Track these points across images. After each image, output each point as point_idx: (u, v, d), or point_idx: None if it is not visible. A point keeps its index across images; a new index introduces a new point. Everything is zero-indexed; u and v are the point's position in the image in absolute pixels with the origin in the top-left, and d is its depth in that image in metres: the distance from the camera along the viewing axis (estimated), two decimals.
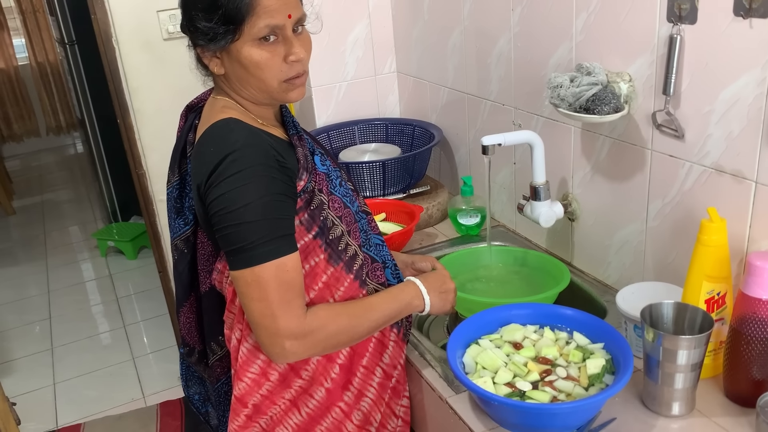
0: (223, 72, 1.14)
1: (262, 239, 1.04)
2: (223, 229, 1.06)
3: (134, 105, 2.58)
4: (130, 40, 2.51)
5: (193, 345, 1.39)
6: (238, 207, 1.04)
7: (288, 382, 1.20)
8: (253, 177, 1.05)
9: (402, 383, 1.31)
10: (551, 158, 1.53)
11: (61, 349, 3.24)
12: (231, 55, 1.11)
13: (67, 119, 6.42)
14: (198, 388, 1.46)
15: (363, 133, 2.18)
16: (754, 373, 1.06)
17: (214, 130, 1.11)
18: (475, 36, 1.76)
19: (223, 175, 1.05)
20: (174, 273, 1.34)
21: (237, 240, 1.05)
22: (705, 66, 1.14)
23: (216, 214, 1.06)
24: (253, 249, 1.04)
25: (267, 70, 1.10)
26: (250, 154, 1.06)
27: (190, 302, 1.35)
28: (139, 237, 4.06)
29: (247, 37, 1.07)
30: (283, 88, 1.13)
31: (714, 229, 1.09)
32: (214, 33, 1.08)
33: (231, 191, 1.04)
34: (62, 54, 4.19)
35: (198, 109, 1.26)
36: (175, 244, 1.30)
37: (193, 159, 1.17)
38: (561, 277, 1.41)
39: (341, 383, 1.22)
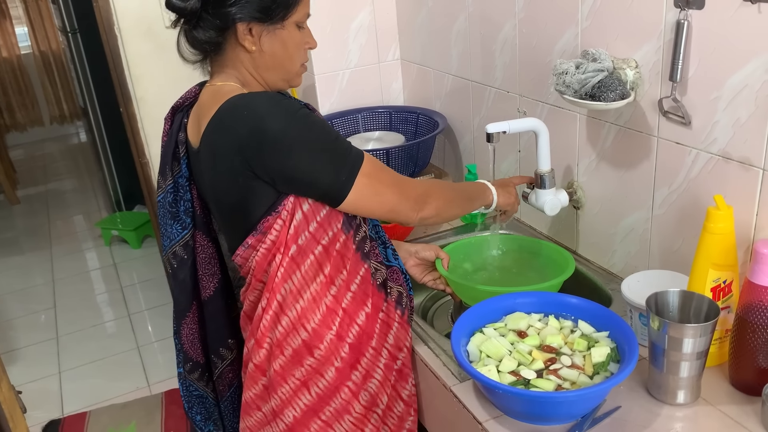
0: (256, 50, 1.16)
1: (347, 150, 1.15)
2: (312, 168, 1.12)
3: (137, 93, 2.58)
4: (132, 28, 2.50)
5: (197, 359, 1.37)
6: (313, 141, 1.11)
7: (300, 359, 1.20)
8: (302, 118, 1.12)
9: (408, 367, 1.31)
10: (556, 146, 1.51)
11: (66, 338, 3.26)
12: (276, 34, 1.16)
13: (71, 108, 6.42)
14: (199, 408, 1.43)
15: (366, 121, 2.16)
16: (759, 361, 1.06)
17: (236, 101, 1.13)
18: (480, 22, 1.74)
19: (282, 126, 1.09)
20: (173, 283, 1.32)
21: (333, 161, 1.13)
22: (712, 52, 1.13)
23: (302, 154, 1.11)
24: (347, 159, 1.14)
25: (299, 51, 1.21)
26: (289, 104, 1.13)
27: (192, 312, 1.33)
28: (143, 226, 4.07)
29: (293, 18, 1.17)
30: (299, 72, 1.24)
31: (721, 217, 1.08)
32: (273, 9, 1.14)
33: (297, 137, 1.10)
34: (65, 42, 4.18)
35: (184, 108, 1.25)
36: (173, 252, 1.28)
37: (217, 128, 1.14)
38: (566, 266, 1.40)
39: (350, 363, 1.22)
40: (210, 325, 1.32)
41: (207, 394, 1.42)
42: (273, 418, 1.22)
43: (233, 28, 1.14)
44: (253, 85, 1.20)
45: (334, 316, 1.20)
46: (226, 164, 1.13)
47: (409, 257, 1.47)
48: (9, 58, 6.10)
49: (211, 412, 1.44)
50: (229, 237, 1.26)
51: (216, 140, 1.15)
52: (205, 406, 1.44)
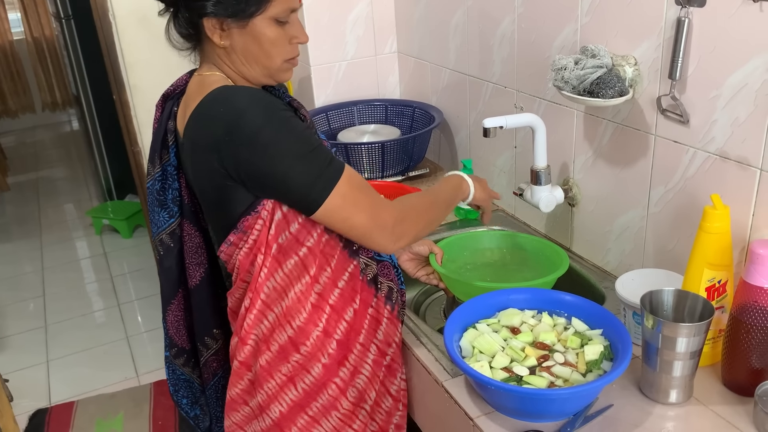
0: (227, 45, 1.14)
1: (325, 162, 1.09)
2: (284, 178, 1.07)
3: (130, 81, 2.55)
4: (127, 15, 2.48)
5: (182, 345, 1.37)
6: (289, 146, 1.07)
7: (286, 356, 1.19)
8: (282, 120, 1.08)
9: (397, 362, 1.30)
10: (553, 142, 1.51)
11: (54, 327, 3.23)
12: (246, 29, 1.13)
13: (63, 95, 6.37)
14: (186, 392, 1.43)
15: (362, 113, 2.15)
16: (753, 361, 1.05)
17: (217, 94, 1.11)
18: (478, 16, 1.73)
19: (254, 127, 1.06)
20: (159, 270, 1.32)
21: (307, 172, 1.08)
22: (713, 50, 1.12)
23: (267, 170, 1.07)
24: (323, 173, 1.08)
25: (278, 48, 1.16)
26: (265, 105, 1.09)
27: (177, 299, 1.33)
28: (135, 215, 4.04)
29: (267, 14, 1.12)
30: (284, 67, 1.19)
31: (717, 217, 1.08)
32: (243, 4, 1.10)
33: (273, 139, 1.06)
34: (58, 29, 4.14)
35: (175, 96, 1.24)
36: (160, 239, 1.28)
37: (195, 127, 1.14)
38: (560, 263, 1.39)
39: (338, 359, 1.21)
40: (196, 313, 1.32)
41: (193, 380, 1.42)
42: (260, 413, 1.21)
43: (201, 22, 1.12)
44: (236, 79, 1.18)
45: (320, 312, 1.19)
46: (204, 160, 1.13)
47: (402, 252, 1.46)
48: (1, 44, 6.04)
49: (198, 396, 1.44)
50: (214, 231, 1.26)
51: (194, 135, 1.15)
52: (192, 390, 1.44)
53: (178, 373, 1.42)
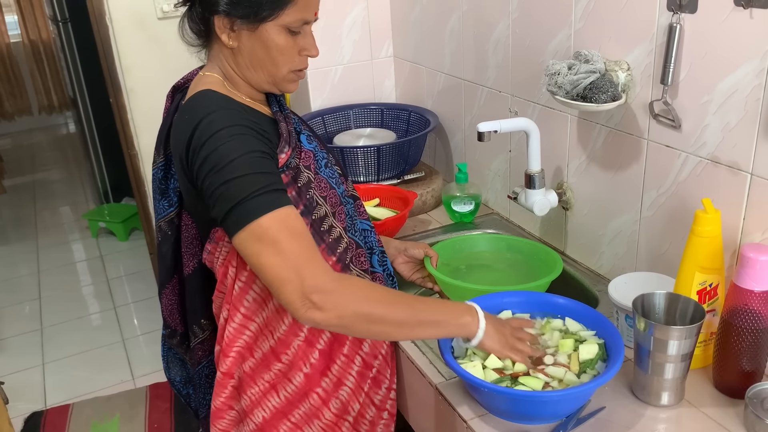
0: (235, 46, 1.13)
1: (258, 191, 1.01)
2: (215, 191, 1.02)
3: (127, 84, 2.56)
4: (123, 18, 2.49)
5: (175, 327, 1.39)
6: (226, 164, 1.02)
7: (268, 364, 1.20)
8: (232, 136, 1.04)
9: (383, 373, 1.29)
10: (547, 146, 1.52)
11: (50, 330, 3.23)
12: (256, 33, 1.11)
13: (60, 98, 6.36)
14: (179, 370, 1.45)
15: (358, 117, 2.16)
16: (743, 364, 1.06)
17: (190, 100, 1.12)
18: (473, 21, 1.74)
19: (201, 139, 1.04)
20: (158, 254, 1.34)
21: (232, 196, 1.00)
22: (704, 56, 1.13)
23: (205, 179, 1.04)
24: (250, 201, 1.00)
25: (285, 56, 1.14)
26: (224, 116, 1.07)
27: (172, 284, 1.34)
28: (131, 218, 4.04)
29: (279, 21, 1.10)
30: (289, 77, 1.17)
31: (708, 221, 1.09)
32: (255, 7, 1.08)
33: (214, 151, 1.03)
34: (55, 32, 4.14)
35: (184, 89, 1.25)
36: (159, 226, 1.29)
37: (172, 132, 1.16)
38: (554, 266, 1.40)
39: (320, 369, 1.21)
40: (188, 301, 1.33)
41: (186, 360, 1.44)
42: (244, 417, 1.22)
43: (213, 19, 1.12)
44: (237, 81, 1.18)
45: (301, 324, 1.19)
46: (177, 164, 1.14)
47: (397, 254, 1.46)
48: None
49: (191, 376, 1.44)
50: (199, 232, 1.27)
51: (172, 140, 1.17)
52: (185, 369, 1.45)
53: (172, 351, 1.44)
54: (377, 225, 1.62)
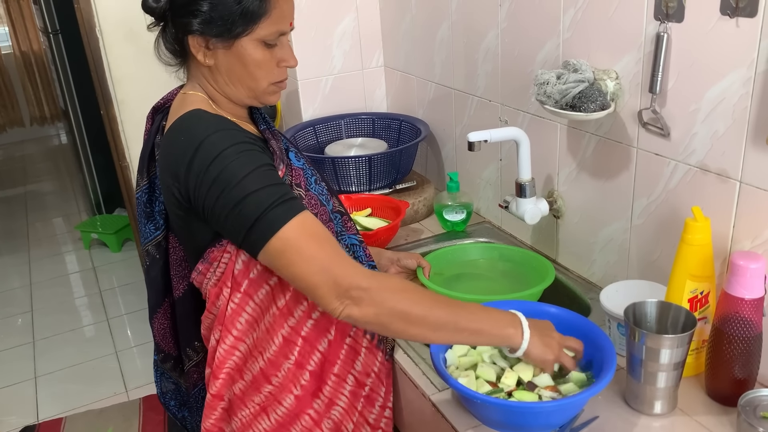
0: (211, 64, 1.12)
1: (274, 203, 1.01)
2: (231, 211, 1.02)
3: (118, 96, 2.55)
4: (114, 30, 2.48)
5: (168, 351, 1.37)
6: (238, 181, 1.02)
7: (258, 386, 1.19)
8: (238, 153, 1.04)
9: (376, 391, 1.28)
10: (537, 155, 1.52)
11: (42, 342, 3.21)
12: (232, 50, 1.10)
13: (52, 109, 6.35)
14: (173, 394, 1.44)
15: (349, 127, 2.16)
16: (735, 372, 1.07)
17: (183, 121, 1.10)
18: (463, 31, 1.75)
19: (207, 161, 1.03)
20: (146, 279, 1.32)
21: (250, 213, 1.01)
22: (691, 64, 1.14)
23: (217, 200, 1.03)
24: (267, 214, 1.00)
25: (263, 70, 1.13)
26: (224, 136, 1.06)
27: (163, 308, 1.33)
28: (123, 229, 4.03)
29: (255, 35, 1.09)
30: (270, 90, 1.16)
31: (698, 228, 1.09)
32: (228, 24, 1.07)
33: (224, 170, 1.02)
34: (46, 43, 4.14)
35: (165, 110, 1.23)
36: (146, 250, 1.28)
37: (162, 151, 1.14)
38: (546, 274, 1.40)
39: (311, 390, 1.20)
40: (179, 324, 1.32)
41: (181, 384, 1.42)
42: None
43: (187, 39, 1.10)
44: (219, 99, 1.16)
45: (292, 346, 1.18)
46: (167, 186, 1.12)
47: (390, 265, 1.46)
48: None
49: (186, 399, 1.43)
50: (185, 253, 1.25)
51: (160, 160, 1.15)
52: (179, 393, 1.44)
53: (166, 376, 1.42)
54: (369, 235, 1.62)
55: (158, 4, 1.10)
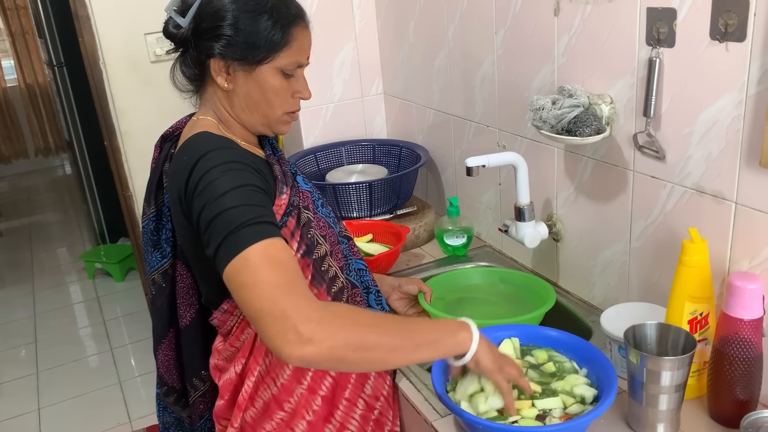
0: (230, 88, 1.15)
1: (245, 223, 0.97)
2: (207, 226, 1.00)
3: (121, 127, 2.59)
4: (117, 62, 2.52)
5: (172, 384, 1.36)
6: (216, 198, 1.01)
7: (270, 414, 1.18)
8: (227, 171, 1.04)
9: (386, 415, 1.28)
10: (535, 179, 1.53)
11: (46, 373, 3.20)
12: (252, 75, 1.13)
13: (56, 141, 6.41)
14: (175, 429, 1.43)
15: (350, 154, 2.18)
16: (737, 393, 1.06)
17: (189, 142, 1.12)
18: (460, 58, 1.78)
19: (198, 175, 1.04)
20: (151, 309, 1.32)
21: (221, 229, 0.98)
22: (684, 88, 1.16)
23: (200, 214, 1.02)
24: (236, 233, 0.97)
25: (280, 98, 1.16)
26: (221, 154, 1.07)
27: (168, 338, 1.32)
28: (127, 259, 4.04)
29: (275, 64, 1.13)
30: (283, 119, 1.19)
31: (695, 250, 1.10)
32: (252, 50, 1.10)
33: (209, 185, 1.03)
34: (51, 76, 4.19)
35: (173, 138, 1.25)
36: (152, 279, 1.28)
37: (169, 175, 1.16)
38: (547, 298, 1.41)
39: (323, 416, 1.20)
40: (185, 353, 1.32)
41: (183, 419, 1.41)
42: None
43: (209, 62, 1.13)
44: (231, 124, 1.19)
45: (305, 371, 1.18)
46: (175, 209, 1.13)
47: (392, 291, 1.47)
48: None
49: None
50: (204, 290, 1.25)
51: (169, 186, 1.16)
52: (182, 429, 1.43)
53: (168, 411, 1.41)
54: (371, 261, 1.63)
55: (178, 30, 1.13)
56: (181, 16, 1.13)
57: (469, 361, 1.07)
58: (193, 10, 1.11)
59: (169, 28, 1.15)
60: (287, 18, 1.12)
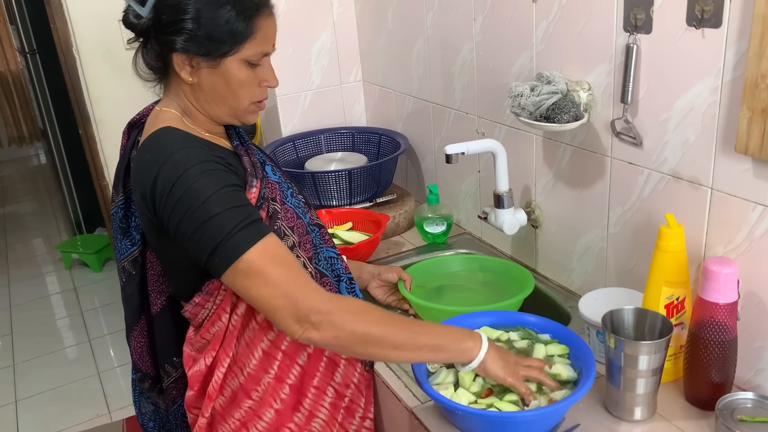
0: (195, 82, 1.13)
1: (237, 227, 1.01)
2: (194, 232, 1.02)
3: (96, 115, 2.55)
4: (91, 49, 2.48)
5: (146, 371, 1.36)
6: (200, 204, 1.01)
7: (238, 402, 1.18)
8: (200, 174, 1.03)
9: (356, 402, 1.29)
10: (514, 166, 1.54)
11: (23, 365, 3.16)
12: (216, 69, 1.11)
13: (30, 130, 6.30)
14: (152, 416, 1.42)
15: (329, 141, 2.17)
16: (712, 376, 1.08)
17: (151, 139, 1.11)
18: (439, 45, 1.77)
19: (170, 181, 1.03)
20: (122, 296, 1.31)
21: (213, 236, 1.01)
22: (661, 75, 1.16)
23: (180, 222, 1.03)
24: (231, 238, 1.01)
25: (246, 89, 1.14)
26: (189, 154, 1.06)
27: (140, 326, 1.32)
28: (104, 249, 3.99)
29: (239, 55, 1.11)
30: (250, 109, 1.17)
31: (672, 235, 1.11)
32: (215, 43, 1.08)
33: (186, 191, 1.02)
34: (23, 63, 4.11)
35: (140, 125, 1.23)
36: (122, 266, 1.28)
37: (132, 170, 1.15)
38: (525, 284, 1.41)
39: (291, 404, 1.21)
40: (158, 340, 1.31)
41: (159, 404, 1.41)
42: None
43: (171, 56, 1.11)
44: (196, 116, 1.17)
45: (272, 360, 1.18)
46: (139, 205, 1.12)
47: (372, 279, 1.47)
48: None
49: (164, 421, 1.42)
50: (173, 285, 1.24)
51: (132, 178, 1.15)
52: (158, 415, 1.42)
53: (145, 397, 1.41)
54: (350, 249, 1.62)
55: (140, 20, 1.10)
56: (140, 4, 1.09)
57: (476, 368, 1.08)
58: (155, 2, 1.09)
59: (129, 17, 1.12)
60: (250, 8, 1.09)
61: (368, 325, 1.05)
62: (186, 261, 1.12)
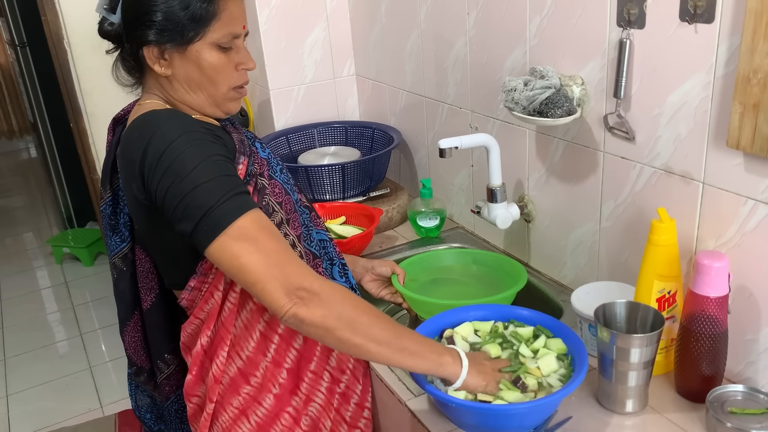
0: (169, 74, 1.12)
1: (226, 195, 1.00)
2: (180, 203, 1.00)
3: (87, 108, 2.53)
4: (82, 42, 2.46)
5: (141, 364, 1.36)
6: (188, 173, 1.00)
7: (237, 388, 1.19)
8: (188, 143, 1.03)
9: (352, 388, 1.29)
10: (507, 161, 1.54)
11: (14, 360, 3.15)
12: (187, 56, 1.10)
13: (20, 123, 6.26)
14: (148, 407, 1.43)
15: (322, 135, 2.17)
16: (703, 369, 1.09)
17: (137, 120, 1.10)
18: (432, 40, 1.77)
19: (158, 152, 1.02)
20: (115, 292, 1.31)
21: (200, 204, 0.99)
22: (653, 69, 1.17)
23: (168, 191, 1.01)
24: (220, 207, 0.99)
25: (222, 74, 1.13)
26: (176, 125, 1.05)
27: (133, 321, 1.32)
28: (96, 243, 3.97)
29: (207, 39, 1.10)
30: (230, 96, 1.16)
31: (664, 229, 1.11)
32: (179, 29, 1.07)
33: (174, 160, 1.01)
34: (13, 56, 4.08)
35: (125, 121, 1.23)
36: (113, 263, 1.28)
37: (120, 153, 1.14)
38: (518, 278, 1.42)
39: (289, 388, 1.21)
40: (150, 336, 1.31)
41: (155, 396, 1.41)
42: None
43: (142, 52, 1.10)
44: (178, 106, 1.16)
45: (268, 343, 1.18)
46: (128, 188, 1.11)
47: (365, 273, 1.47)
48: None
49: (162, 412, 1.42)
50: (167, 276, 1.24)
51: (119, 164, 1.15)
52: (155, 406, 1.43)
53: (141, 390, 1.41)
54: (344, 243, 1.63)
55: (113, 27, 1.12)
56: (111, 12, 1.10)
57: (460, 387, 1.08)
58: (121, 4, 1.09)
59: (104, 27, 1.13)
60: None
61: (357, 312, 1.03)
62: (176, 243, 1.11)
